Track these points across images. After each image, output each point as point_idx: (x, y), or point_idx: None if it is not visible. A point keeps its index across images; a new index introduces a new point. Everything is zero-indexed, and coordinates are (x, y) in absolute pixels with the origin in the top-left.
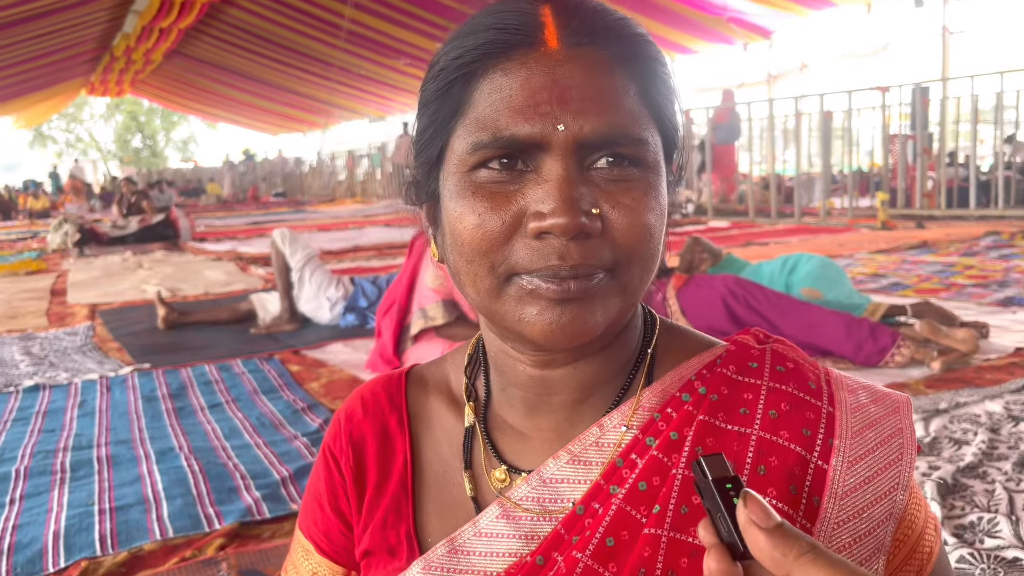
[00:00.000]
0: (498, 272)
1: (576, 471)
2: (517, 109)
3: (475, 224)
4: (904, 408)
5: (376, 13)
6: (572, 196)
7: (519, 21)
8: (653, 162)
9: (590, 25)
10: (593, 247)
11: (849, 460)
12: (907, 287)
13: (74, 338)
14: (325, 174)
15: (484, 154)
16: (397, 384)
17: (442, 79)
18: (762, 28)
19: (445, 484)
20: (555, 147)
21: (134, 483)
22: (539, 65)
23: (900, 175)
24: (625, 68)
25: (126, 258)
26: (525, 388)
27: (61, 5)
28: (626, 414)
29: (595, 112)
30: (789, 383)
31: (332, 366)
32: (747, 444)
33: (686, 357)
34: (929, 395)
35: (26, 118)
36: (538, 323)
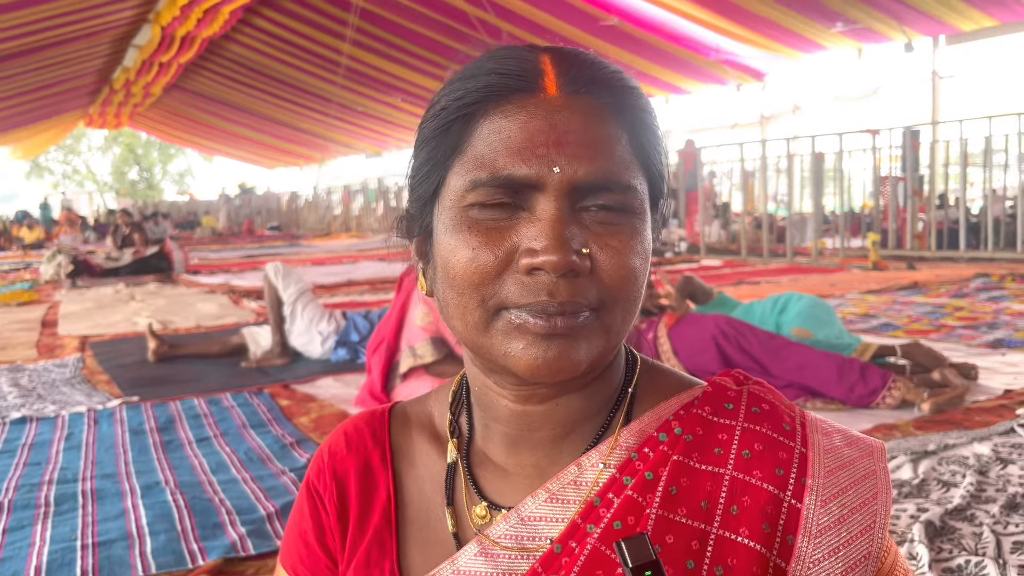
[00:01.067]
0: (488, 306)
1: (554, 509)
2: (515, 150)
3: (469, 258)
4: (878, 452)
5: (374, 50)
6: (564, 235)
7: (520, 67)
8: (640, 208)
9: (587, 75)
10: (581, 286)
11: (823, 499)
12: (897, 328)
13: (63, 370)
14: (321, 208)
15: (481, 192)
16: (380, 420)
17: (443, 118)
18: (755, 70)
19: (427, 520)
20: (550, 188)
21: (118, 518)
22: (538, 110)
23: (891, 216)
24: (618, 118)
25: (119, 290)
26: (507, 424)
27: (63, 38)
28: (604, 453)
29: (589, 157)
30: (763, 424)
31: (322, 401)
32: (720, 484)
33: (665, 397)
34: (918, 436)
35: (24, 149)
36: (524, 357)
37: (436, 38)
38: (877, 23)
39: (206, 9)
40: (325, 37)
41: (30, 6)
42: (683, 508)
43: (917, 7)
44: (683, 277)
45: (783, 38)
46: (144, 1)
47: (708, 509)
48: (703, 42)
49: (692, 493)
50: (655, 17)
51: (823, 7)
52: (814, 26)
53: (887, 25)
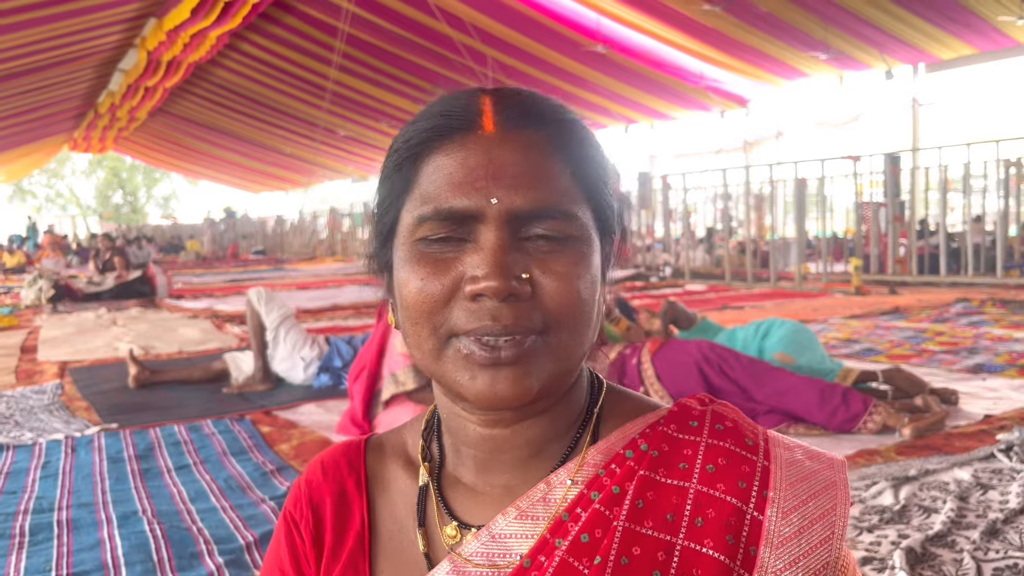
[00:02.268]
0: (439, 333)
1: (523, 526)
2: (456, 185)
3: (418, 288)
4: (838, 464)
5: (360, 75)
6: (503, 262)
7: (461, 108)
8: (584, 235)
9: (524, 111)
10: (524, 310)
11: (783, 511)
12: (879, 352)
13: (41, 396)
14: (306, 232)
15: (427, 226)
16: (356, 450)
17: (395, 158)
18: (738, 96)
19: (400, 543)
20: (489, 219)
21: (94, 548)
22: (476, 146)
23: (873, 242)
24: (557, 149)
25: (100, 315)
26: (475, 447)
27: (48, 63)
28: (572, 470)
29: (526, 187)
30: (727, 439)
31: (303, 427)
32: (685, 497)
33: (631, 418)
34: (899, 462)
35: (7, 173)
36: (472, 387)
37: (422, 64)
38: (858, 51)
39: (192, 34)
40: (311, 62)
41: (16, 31)
42: (649, 521)
43: (897, 36)
44: (666, 302)
45: (766, 65)
46: (130, 26)
47: (674, 521)
48: (688, 69)
49: (658, 506)
50: (641, 45)
51: (805, 36)
52: (796, 54)
53: (868, 53)
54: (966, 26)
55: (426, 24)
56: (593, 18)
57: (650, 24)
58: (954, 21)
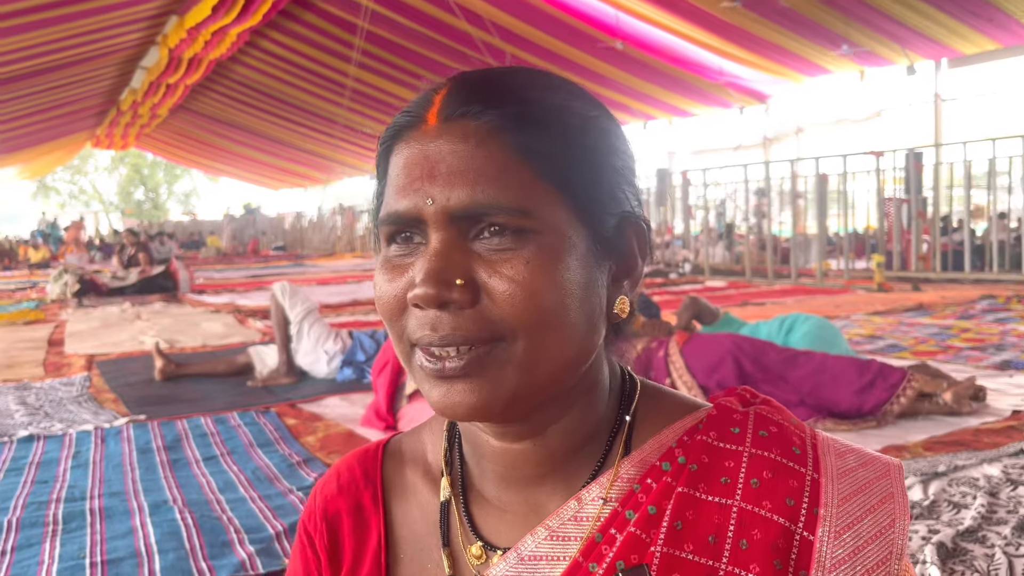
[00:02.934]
0: (404, 341)
1: (554, 547)
2: (400, 188)
3: (378, 296)
4: (895, 472)
5: (379, 72)
6: (436, 267)
7: (416, 104)
8: (544, 230)
9: (468, 98)
10: (467, 319)
11: (836, 530)
12: (904, 349)
13: (70, 388)
14: (325, 228)
15: (385, 230)
16: (373, 458)
17: (376, 163)
18: (758, 93)
19: (421, 562)
20: (430, 221)
21: (126, 536)
22: (416, 143)
23: (895, 238)
24: (503, 137)
25: (124, 309)
26: (493, 460)
27: (72, 60)
28: (604, 485)
29: (460, 184)
30: (772, 449)
31: (328, 420)
32: (728, 516)
33: (667, 422)
34: (928, 457)
35: (31, 169)
36: (432, 398)
37: (441, 60)
38: (880, 47)
39: (213, 31)
40: (331, 59)
41: (40, 28)
42: (689, 544)
43: (919, 31)
44: (688, 298)
45: (787, 61)
46: (152, 24)
47: (716, 544)
48: (707, 65)
49: (699, 527)
50: (660, 40)
51: (826, 31)
52: (817, 49)
53: (890, 48)
54: (989, 21)
55: (445, 20)
56: (612, 14)
57: (669, 20)
58: (976, 16)
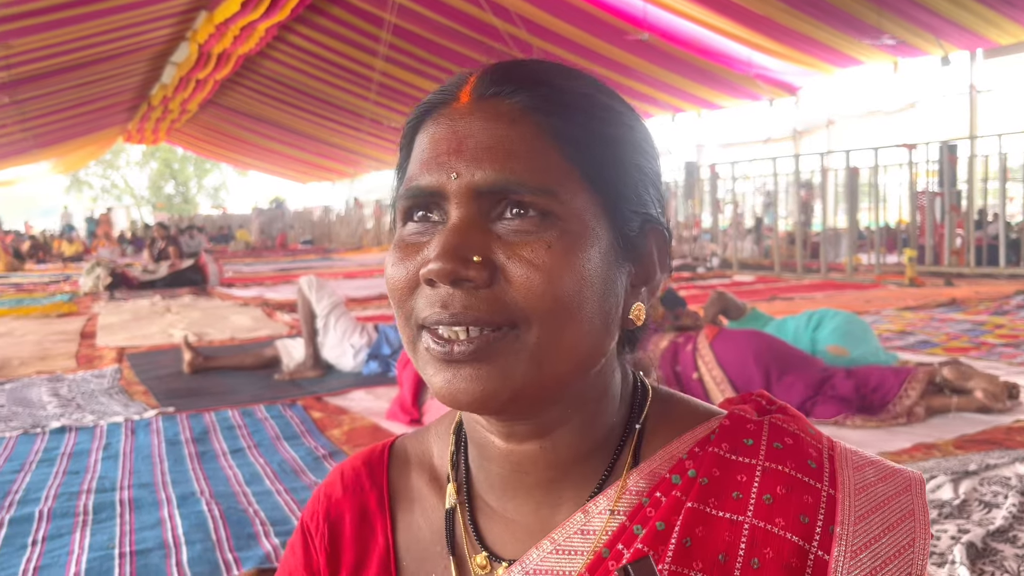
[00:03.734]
0: (411, 323)
1: (560, 561)
2: (424, 162)
3: (389, 274)
4: (916, 487)
5: (406, 66)
6: (455, 243)
7: (450, 83)
8: (568, 216)
9: (503, 78)
10: (481, 299)
11: (853, 549)
12: (936, 345)
13: (101, 380)
14: (353, 222)
15: (403, 205)
16: (379, 459)
17: (400, 142)
18: (788, 84)
19: (424, 571)
20: (451, 196)
21: (155, 527)
22: (446, 119)
23: (928, 232)
24: (536, 117)
25: (155, 302)
26: (499, 464)
27: (104, 56)
28: (612, 498)
29: (489, 160)
30: (787, 462)
31: (354, 414)
32: (739, 533)
33: (679, 431)
34: (958, 456)
35: (65, 164)
36: (435, 383)
37: (468, 54)
38: (913, 37)
39: (242, 27)
40: (358, 53)
41: (73, 24)
42: (699, 562)
43: (954, 21)
44: (715, 293)
45: (817, 52)
46: (182, 19)
47: (726, 563)
48: (736, 57)
49: (708, 544)
50: (687, 32)
51: (858, 21)
52: (849, 40)
53: (923, 39)
54: None
55: (471, 14)
56: (640, 5)
57: (697, 11)
58: (1012, 5)
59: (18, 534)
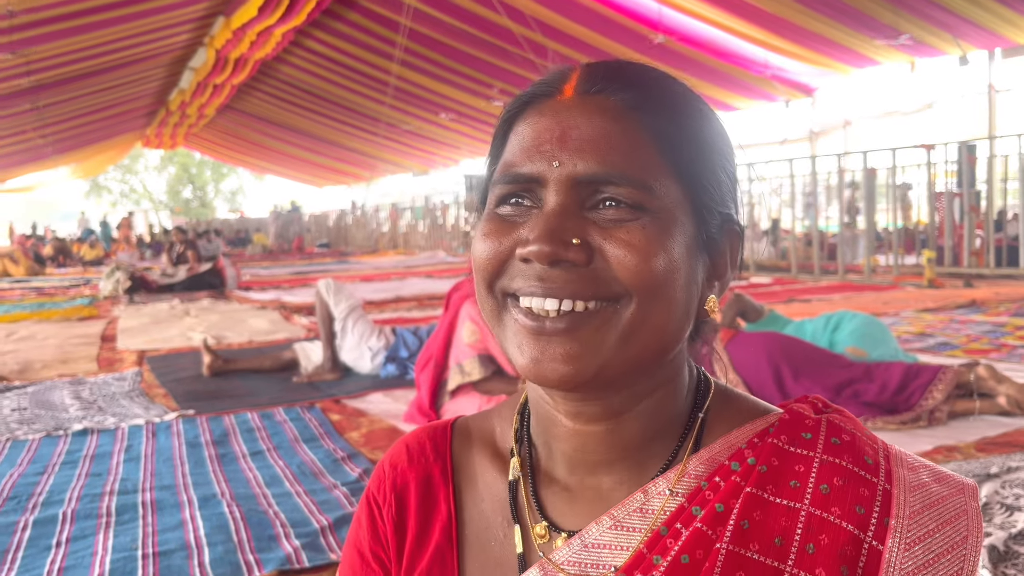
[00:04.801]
0: (496, 294)
1: (618, 537)
2: (525, 149)
3: (480, 249)
4: (970, 490)
5: (421, 70)
6: (555, 226)
7: (552, 78)
8: (659, 208)
9: (606, 75)
10: (578, 276)
11: (907, 542)
12: (955, 347)
13: (122, 383)
14: (369, 226)
15: (498, 190)
16: (443, 434)
17: (495, 130)
18: (804, 85)
19: (487, 540)
20: (551, 183)
21: (177, 529)
22: (550, 111)
23: (947, 233)
24: (636, 116)
25: (174, 306)
26: (565, 442)
27: (123, 62)
28: (672, 480)
29: (591, 152)
30: (844, 456)
31: (372, 416)
32: (796, 520)
33: (738, 423)
34: (980, 459)
35: (84, 169)
36: (521, 358)
37: (483, 57)
38: (931, 36)
39: (259, 32)
40: (374, 58)
41: (93, 31)
42: (755, 544)
43: (972, 20)
44: (733, 295)
45: (834, 53)
46: (200, 25)
47: (782, 546)
48: (752, 58)
49: (766, 528)
50: (703, 34)
51: (875, 21)
52: (865, 40)
53: (941, 38)
54: None
55: (487, 17)
56: (655, 8)
57: (713, 13)
58: None
59: (42, 535)
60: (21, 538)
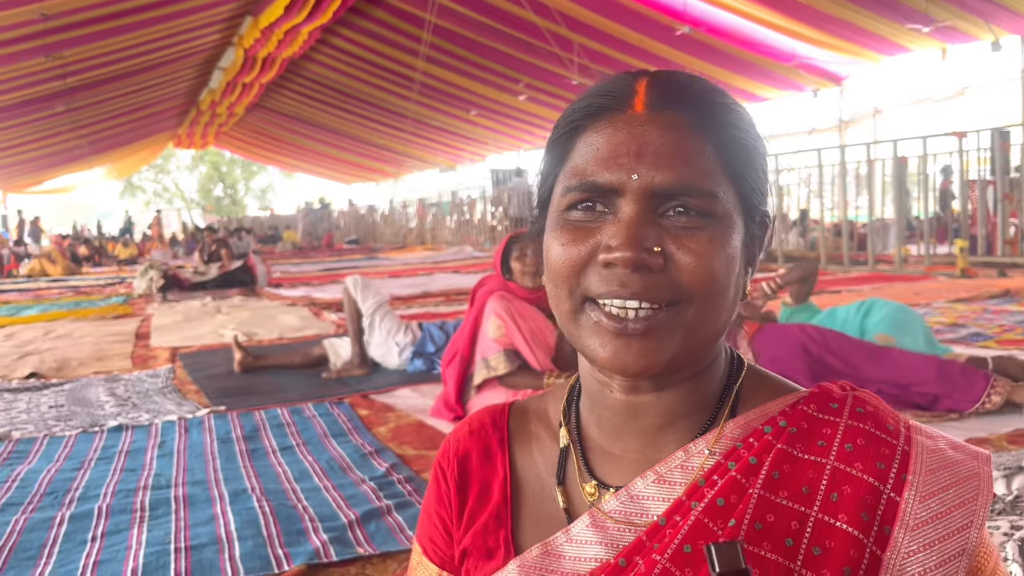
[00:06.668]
0: (575, 296)
1: (661, 489)
2: (601, 160)
3: (559, 253)
4: (984, 458)
5: (447, 66)
6: (636, 235)
7: (617, 90)
8: (723, 214)
9: (674, 93)
10: (653, 281)
11: (922, 495)
12: (988, 338)
13: (156, 380)
14: (397, 222)
15: (573, 196)
16: (501, 412)
17: (555, 134)
18: (833, 74)
19: (541, 498)
20: (629, 193)
21: (208, 523)
22: (624, 125)
23: (980, 222)
24: (702, 131)
25: (206, 303)
26: (613, 411)
27: (154, 63)
28: (710, 441)
29: (667, 166)
30: (867, 422)
31: (399, 411)
32: (822, 472)
33: (771, 397)
34: (1012, 451)
35: (118, 169)
36: (602, 354)
37: (508, 52)
38: (962, 22)
39: (286, 31)
40: (400, 54)
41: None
42: (784, 491)
43: (1004, 5)
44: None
45: (863, 40)
46: (228, 25)
47: (809, 494)
48: (779, 48)
49: (794, 479)
50: (728, 23)
51: (905, 7)
52: (895, 27)
53: (973, 24)
54: None
55: (511, 12)
56: None
57: (738, 2)
58: None
59: (78, 530)
60: (58, 533)
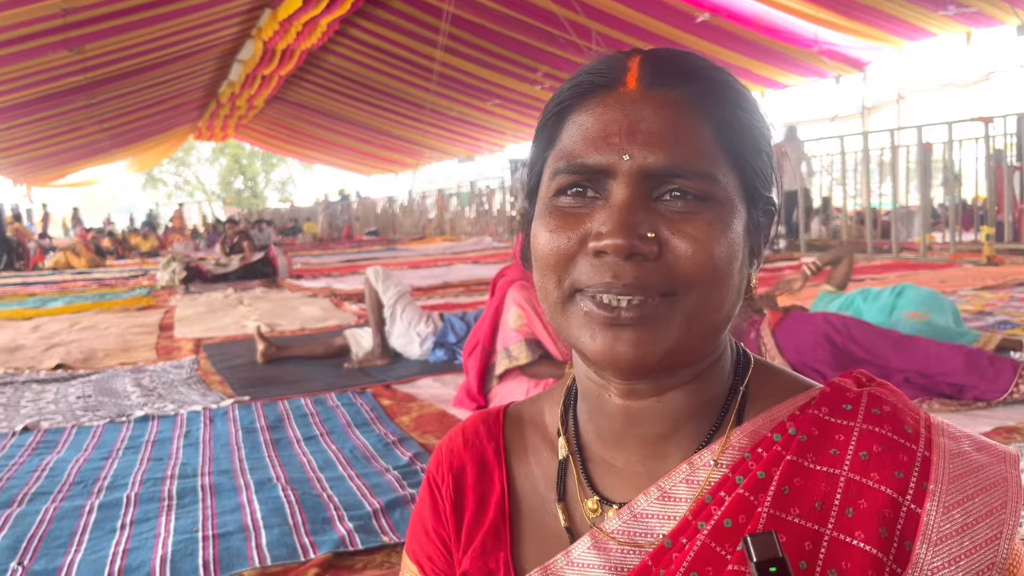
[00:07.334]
0: (563, 287)
1: (665, 507)
2: (590, 141)
3: (546, 241)
4: (1011, 459)
5: (465, 56)
6: (628, 220)
7: (609, 68)
8: (723, 198)
9: (668, 70)
10: (649, 270)
11: (945, 505)
12: (1016, 326)
13: (180, 371)
14: (416, 213)
15: (561, 180)
16: (495, 419)
17: (543, 118)
18: (856, 60)
19: (541, 515)
20: (620, 175)
21: (235, 511)
22: (615, 103)
23: (1006, 208)
24: (699, 109)
25: (228, 295)
26: (612, 418)
27: (174, 56)
28: (716, 452)
29: (660, 146)
30: (883, 425)
31: (422, 401)
32: (835, 485)
33: (780, 398)
34: None
35: (140, 162)
36: (592, 346)
37: (526, 41)
38: (987, 6)
39: (304, 23)
40: (418, 45)
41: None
42: (796, 508)
43: None
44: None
45: (886, 25)
46: (247, 18)
47: (822, 510)
48: (800, 34)
49: (806, 493)
50: (749, 10)
51: None
52: (919, 11)
53: (998, 7)
54: None
55: (529, 0)
56: None
57: None
58: None
59: (107, 518)
60: (87, 521)
